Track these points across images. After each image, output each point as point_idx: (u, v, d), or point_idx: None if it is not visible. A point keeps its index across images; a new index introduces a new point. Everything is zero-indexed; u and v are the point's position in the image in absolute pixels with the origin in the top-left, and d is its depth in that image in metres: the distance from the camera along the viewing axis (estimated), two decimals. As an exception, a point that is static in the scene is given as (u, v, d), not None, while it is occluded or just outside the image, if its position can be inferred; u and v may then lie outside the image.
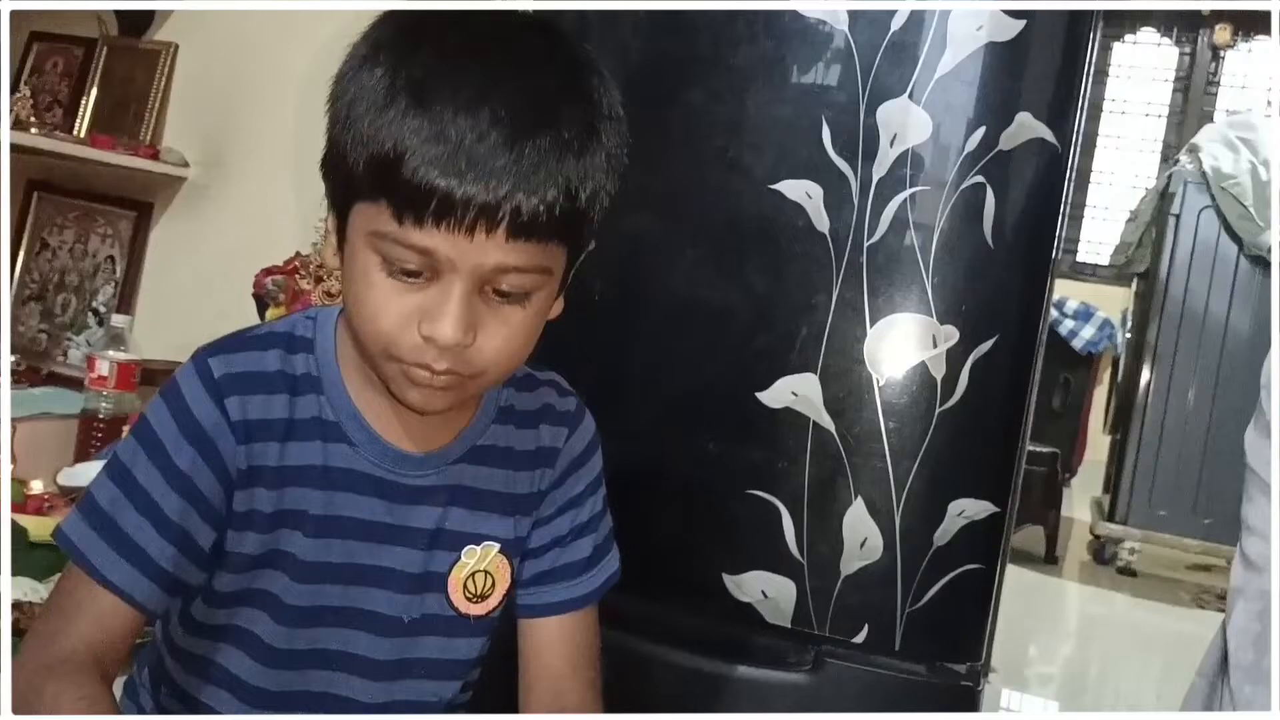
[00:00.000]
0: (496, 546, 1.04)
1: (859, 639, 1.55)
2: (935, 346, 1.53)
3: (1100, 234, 6.90)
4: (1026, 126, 1.52)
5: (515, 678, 1.09)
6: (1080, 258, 7.05)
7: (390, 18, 0.89)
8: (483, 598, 1.04)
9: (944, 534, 1.53)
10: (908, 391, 1.54)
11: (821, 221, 1.56)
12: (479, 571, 1.03)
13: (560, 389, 1.10)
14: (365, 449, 0.97)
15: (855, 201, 1.54)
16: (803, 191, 1.56)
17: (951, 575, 1.54)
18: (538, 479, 1.07)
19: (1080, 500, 4.99)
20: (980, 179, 1.51)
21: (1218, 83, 6.80)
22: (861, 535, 1.54)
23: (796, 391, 1.57)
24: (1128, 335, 4.36)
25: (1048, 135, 1.52)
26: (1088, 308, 5.48)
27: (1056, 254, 1.67)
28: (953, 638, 1.57)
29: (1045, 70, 1.55)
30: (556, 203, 0.83)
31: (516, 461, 1.05)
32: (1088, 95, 1.66)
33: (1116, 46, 6.98)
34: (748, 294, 1.60)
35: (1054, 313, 5.36)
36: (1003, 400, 1.56)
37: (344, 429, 0.97)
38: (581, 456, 1.10)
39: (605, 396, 1.69)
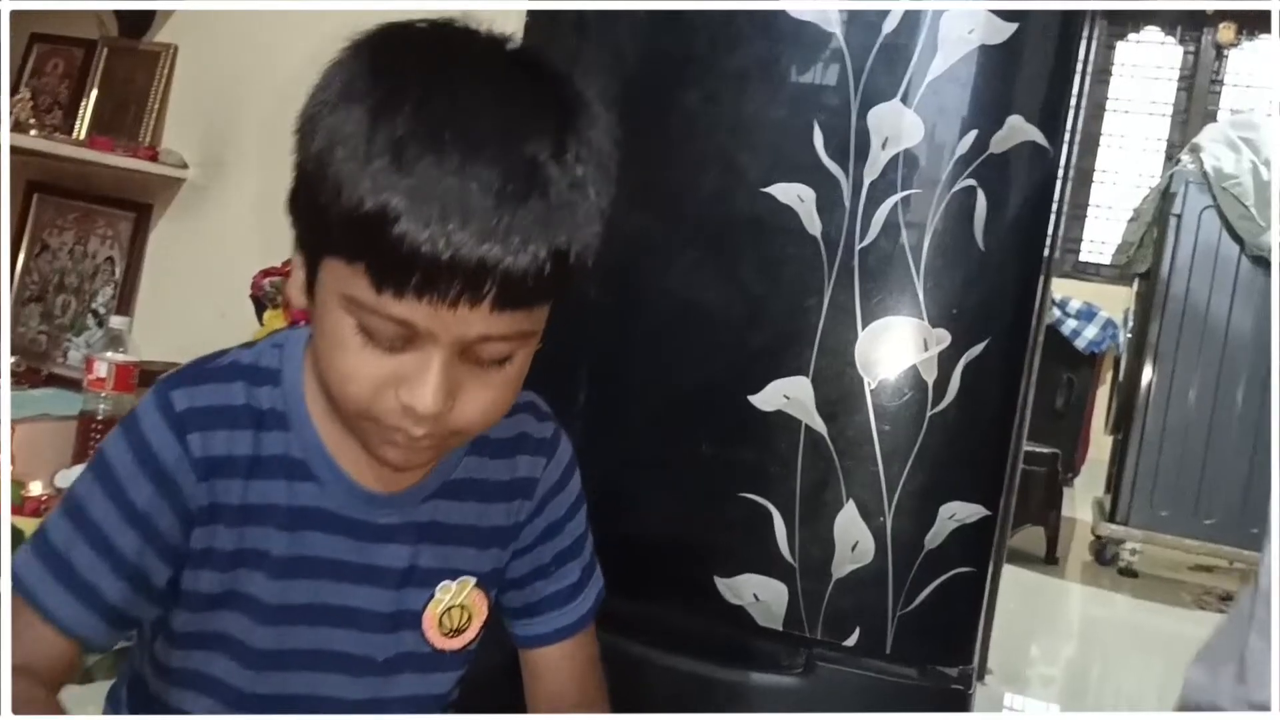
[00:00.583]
0: (473, 580, 1.00)
1: (850, 642, 1.56)
2: (927, 349, 1.53)
3: (1103, 234, 6.88)
4: (1018, 129, 1.52)
5: (515, 677, 1.09)
6: (1083, 257, 7.03)
7: (365, 50, 0.82)
8: (459, 631, 1.00)
9: (935, 537, 1.54)
10: (899, 394, 1.54)
11: (813, 224, 1.56)
12: (455, 606, 0.99)
13: (538, 413, 1.05)
14: (332, 488, 0.93)
15: (847, 204, 1.55)
16: (795, 195, 1.56)
17: (943, 578, 1.54)
18: (515, 510, 1.03)
19: (1083, 500, 4.98)
20: (971, 182, 1.51)
21: (1221, 81, 6.79)
22: (853, 538, 1.55)
23: (788, 394, 1.57)
24: (1129, 335, 4.35)
25: (1039, 138, 1.52)
26: (1090, 307, 5.47)
27: (1052, 256, 1.67)
28: (944, 641, 1.57)
29: (1037, 73, 1.55)
30: (545, 265, 0.77)
31: (492, 494, 1.01)
32: (1085, 97, 1.66)
33: (1120, 45, 6.96)
34: (740, 297, 1.60)
35: (1057, 312, 5.35)
36: (994, 403, 1.57)
37: (311, 467, 0.93)
38: (559, 483, 1.06)
39: (598, 399, 1.70)
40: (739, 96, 1.61)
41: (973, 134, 1.52)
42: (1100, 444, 5.06)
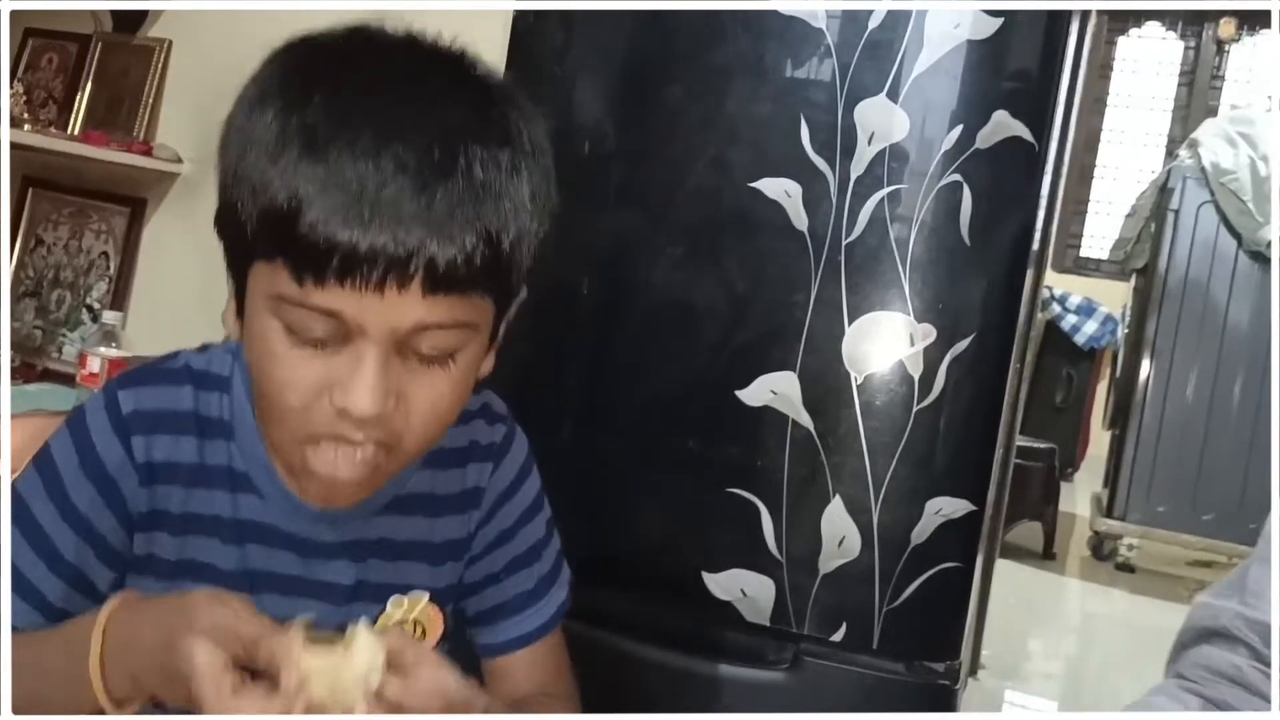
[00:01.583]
0: (426, 595, 0.97)
1: (837, 637, 1.56)
2: (913, 344, 1.53)
3: (1103, 229, 6.87)
4: (1003, 125, 1.52)
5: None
6: (1083, 253, 7.02)
7: (282, 53, 0.82)
8: None
9: (921, 532, 1.53)
10: (886, 390, 1.54)
11: (800, 220, 1.56)
12: (407, 622, 0.95)
13: (490, 416, 1.01)
14: (276, 503, 0.90)
15: (834, 200, 1.55)
16: (782, 190, 1.56)
17: (929, 574, 1.54)
18: (466, 521, 0.99)
19: (1084, 496, 4.98)
20: (957, 177, 1.51)
21: (1222, 77, 6.78)
22: (840, 533, 1.55)
23: (776, 390, 1.57)
24: (1126, 330, 4.35)
25: (1025, 133, 1.52)
26: (1090, 303, 5.47)
27: (1043, 251, 1.67)
28: (931, 636, 1.57)
29: (1023, 68, 1.55)
30: (476, 250, 0.75)
31: (442, 507, 0.98)
32: (1078, 92, 1.65)
33: (1121, 40, 6.95)
34: (727, 292, 1.60)
35: (1056, 308, 5.35)
36: (981, 398, 1.56)
37: (253, 480, 0.89)
38: (510, 489, 1.01)
39: (586, 395, 1.70)
40: (726, 92, 1.61)
41: (959, 129, 1.51)
42: (1100, 440, 5.06)
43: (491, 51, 1.77)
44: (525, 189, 0.79)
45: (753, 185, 1.57)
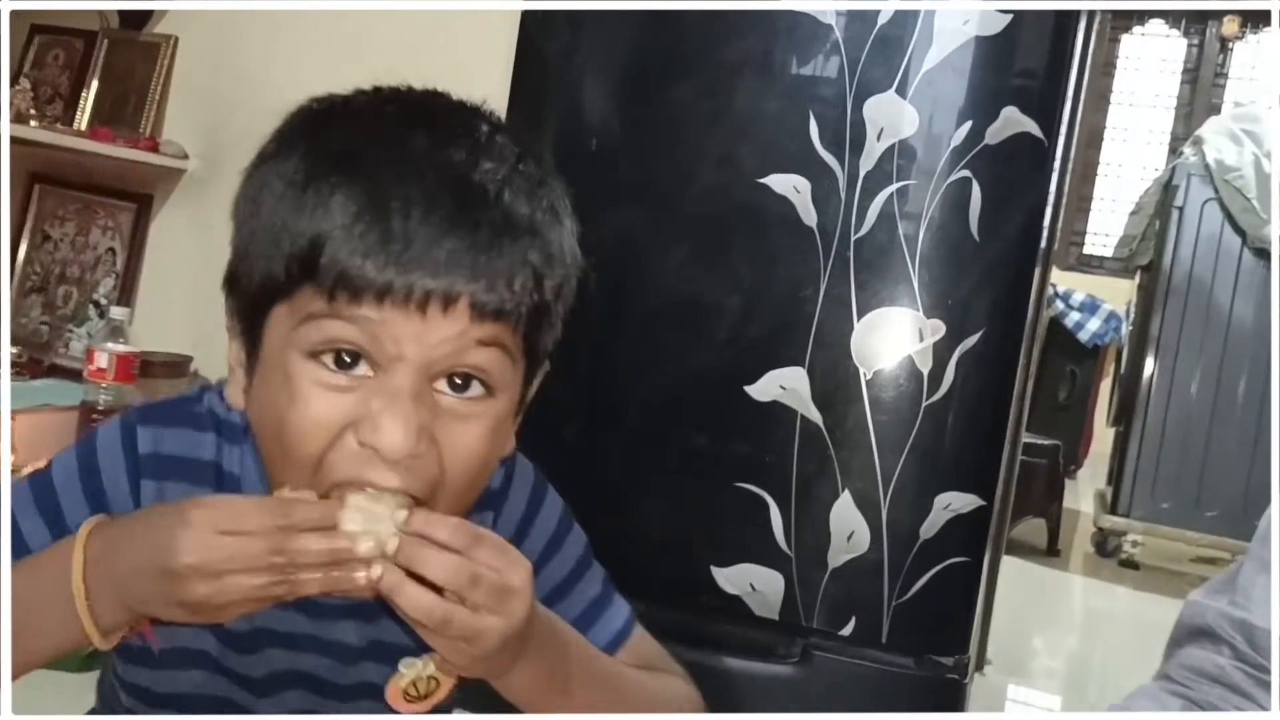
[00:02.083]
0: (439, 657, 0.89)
1: (846, 631, 1.56)
2: (922, 340, 1.53)
3: (1107, 227, 6.88)
4: (1013, 121, 1.52)
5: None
6: (1087, 250, 7.02)
7: (301, 109, 0.79)
8: (426, 696, 0.86)
9: (930, 527, 1.54)
10: (895, 385, 1.54)
11: (809, 215, 1.56)
12: (421, 678, 0.86)
13: None
14: None
15: (843, 195, 1.55)
16: (790, 185, 1.57)
17: (938, 568, 1.54)
18: None
19: (1086, 493, 4.98)
20: (966, 173, 1.52)
21: (1226, 75, 6.78)
22: (849, 528, 1.55)
23: (785, 385, 1.57)
24: (1130, 327, 4.34)
25: (1034, 129, 1.52)
26: (1094, 300, 5.46)
27: (1050, 247, 1.67)
28: (939, 631, 1.58)
29: (1033, 65, 1.55)
30: (518, 279, 0.72)
31: None
32: (1085, 89, 1.65)
33: (1125, 38, 6.95)
34: (736, 288, 1.61)
35: (1060, 305, 5.35)
36: (989, 394, 1.57)
37: None
38: (519, 533, 0.92)
39: (595, 391, 1.70)
40: (735, 88, 1.61)
41: (968, 125, 1.52)
42: (1103, 437, 5.06)
43: (501, 49, 1.78)
44: (561, 235, 0.77)
45: (762, 181, 1.58)
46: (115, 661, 0.90)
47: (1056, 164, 1.57)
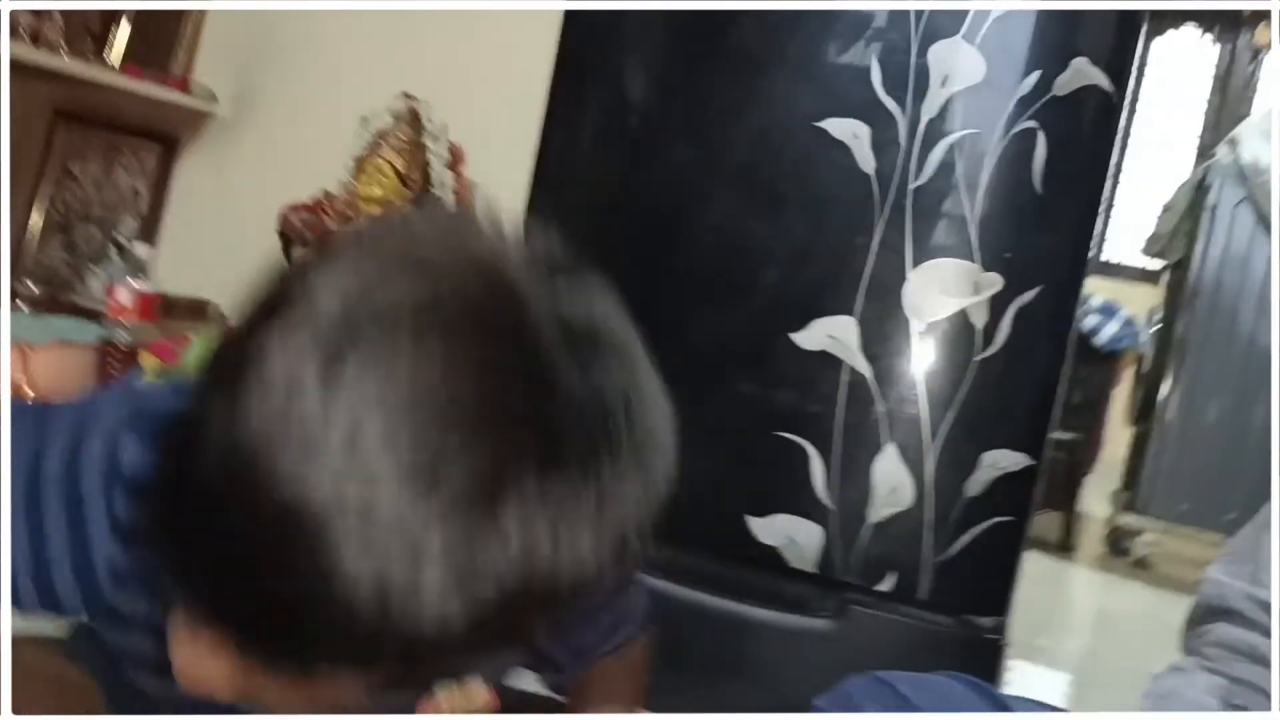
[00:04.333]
0: (477, 679, 0.88)
1: (885, 587, 1.52)
2: (978, 293, 1.49)
3: (1128, 232, 6.83)
4: (1082, 72, 1.48)
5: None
6: (1104, 257, 6.98)
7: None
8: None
9: (975, 484, 1.50)
10: (946, 338, 1.51)
11: (867, 162, 1.52)
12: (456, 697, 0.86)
13: None
14: None
15: (902, 143, 1.51)
16: (849, 131, 1.53)
17: (982, 527, 1.51)
18: None
19: (1093, 497, 4.96)
20: (1033, 124, 1.48)
21: (1256, 83, 6.73)
22: (892, 482, 1.51)
23: (833, 334, 1.53)
24: (1157, 325, 4.30)
25: (1104, 82, 1.48)
26: (1111, 304, 5.42)
27: (1110, 206, 1.63)
28: (980, 590, 1.54)
29: (1103, 16, 1.51)
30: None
31: None
32: (1148, 46, 1.61)
33: (1156, 41, 6.90)
34: (786, 233, 1.57)
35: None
36: (1043, 351, 1.53)
37: None
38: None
39: (638, 333, 1.66)
40: (795, 30, 1.57)
41: (1035, 75, 1.48)
42: (1113, 442, 5.02)
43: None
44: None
45: (819, 124, 1.54)
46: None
47: (1122, 121, 1.53)
